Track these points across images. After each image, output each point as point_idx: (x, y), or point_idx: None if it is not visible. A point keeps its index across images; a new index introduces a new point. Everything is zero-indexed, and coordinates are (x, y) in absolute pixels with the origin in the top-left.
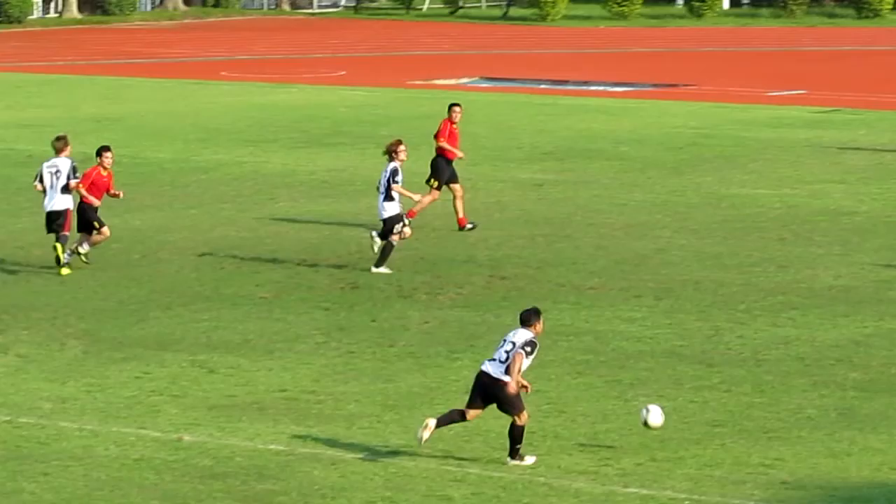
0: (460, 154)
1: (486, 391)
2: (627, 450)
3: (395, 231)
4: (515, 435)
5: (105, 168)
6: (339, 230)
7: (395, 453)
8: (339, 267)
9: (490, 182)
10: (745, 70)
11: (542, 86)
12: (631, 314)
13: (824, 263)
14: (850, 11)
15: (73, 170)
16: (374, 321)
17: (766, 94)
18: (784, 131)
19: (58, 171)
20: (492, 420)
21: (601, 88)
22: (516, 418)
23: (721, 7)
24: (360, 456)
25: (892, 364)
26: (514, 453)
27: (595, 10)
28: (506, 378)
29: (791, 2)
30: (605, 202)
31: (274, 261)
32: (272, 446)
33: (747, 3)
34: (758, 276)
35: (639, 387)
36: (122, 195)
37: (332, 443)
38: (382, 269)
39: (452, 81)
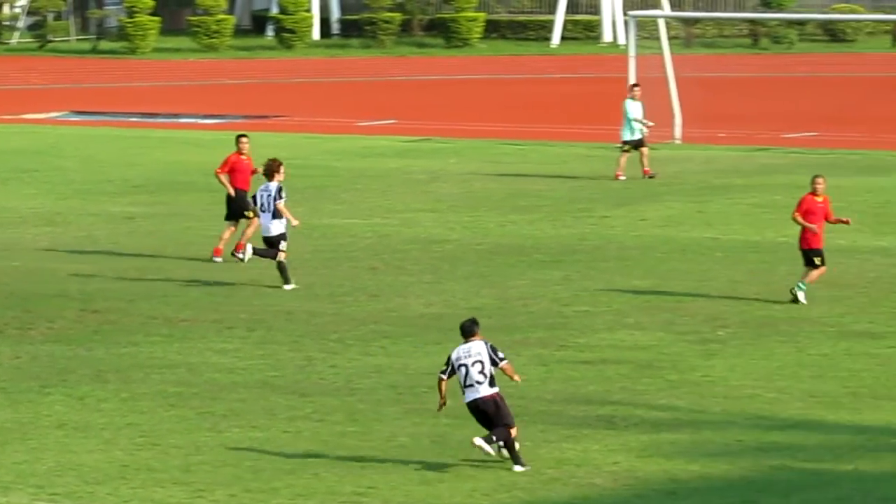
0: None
1: (487, 413)
2: (221, 482)
3: (281, 248)
4: (511, 443)
5: None
6: None
7: None
8: None
9: (80, 216)
10: (335, 100)
11: (133, 119)
12: (223, 346)
13: (415, 292)
14: (440, 41)
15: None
16: None
17: (356, 124)
18: (375, 161)
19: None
20: (84, 454)
21: (192, 121)
22: (511, 430)
23: (311, 38)
24: None
25: None
26: (516, 460)
27: (185, 42)
28: (492, 392)
29: (381, 32)
30: (197, 234)
31: None
32: None
33: (337, 34)
34: (349, 305)
35: (232, 418)
36: None
37: None
38: (292, 285)
39: (42, 115)
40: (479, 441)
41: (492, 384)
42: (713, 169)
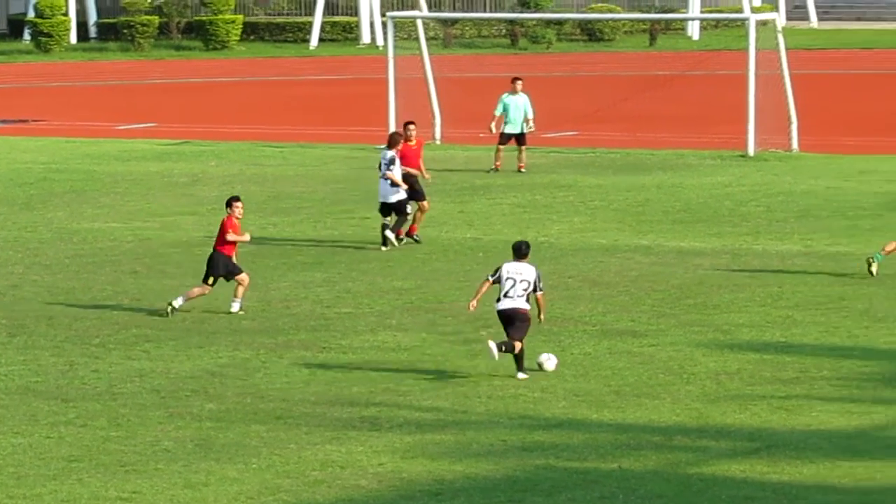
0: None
1: (514, 320)
2: None
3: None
4: (520, 354)
5: (237, 218)
6: None
7: None
8: None
9: None
10: (94, 104)
11: None
12: None
13: (178, 295)
14: (198, 44)
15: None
16: None
17: (115, 127)
18: (135, 164)
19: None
20: None
21: None
22: (521, 343)
23: (68, 42)
24: None
25: (247, 394)
26: (521, 369)
27: None
28: (526, 307)
29: (138, 35)
30: None
31: None
32: None
33: (95, 38)
34: (112, 309)
35: None
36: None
37: None
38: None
39: None
40: (492, 344)
41: (527, 301)
42: (474, 169)
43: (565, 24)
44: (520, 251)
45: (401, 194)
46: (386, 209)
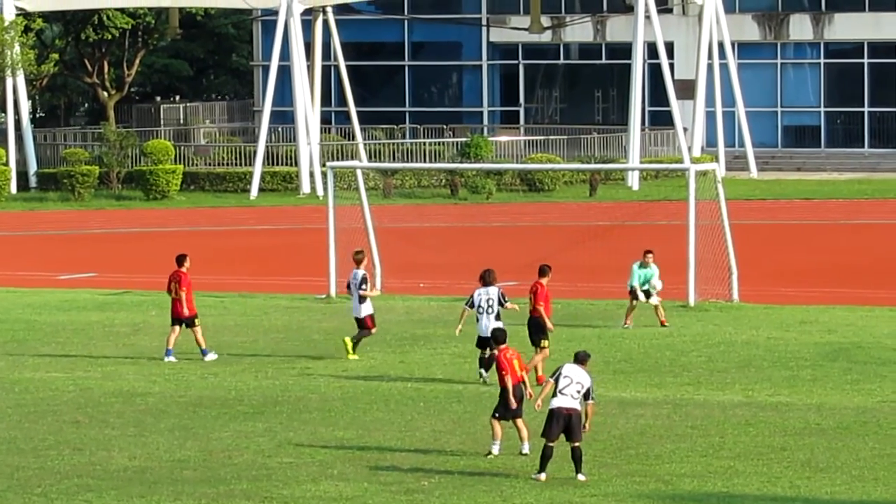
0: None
1: (567, 422)
2: None
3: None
4: (578, 456)
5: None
6: None
7: None
8: None
9: None
10: (35, 254)
11: None
12: None
13: (119, 445)
14: (139, 193)
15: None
16: None
17: (56, 277)
18: (75, 314)
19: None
20: None
21: None
22: (580, 444)
23: (8, 192)
24: None
25: None
26: (580, 471)
27: None
28: (578, 408)
29: (79, 185)
30: None
31: None
32: None
33: (35, 188)
34: (53, 459)
35: None
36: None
37: None
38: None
39: None
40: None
41: (577, 404)
42: (414, 319)
43: (505, 175)
44: (579, 358)
45: (498, 324)
46: (483, 342)
